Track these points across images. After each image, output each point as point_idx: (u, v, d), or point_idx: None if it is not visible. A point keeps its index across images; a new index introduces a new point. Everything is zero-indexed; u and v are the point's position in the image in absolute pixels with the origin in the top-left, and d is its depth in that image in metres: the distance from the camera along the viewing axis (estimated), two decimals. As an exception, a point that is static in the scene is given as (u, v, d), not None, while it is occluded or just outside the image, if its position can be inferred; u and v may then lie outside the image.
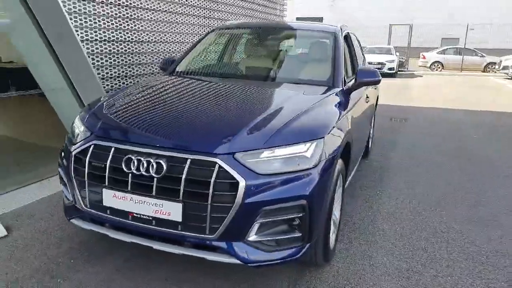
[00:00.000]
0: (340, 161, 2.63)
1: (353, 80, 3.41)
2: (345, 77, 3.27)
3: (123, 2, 4.57)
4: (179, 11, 5.81)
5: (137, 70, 4.96)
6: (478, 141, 6.42)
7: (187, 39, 6.09)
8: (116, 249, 2.77)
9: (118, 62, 4.62)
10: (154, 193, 2.12)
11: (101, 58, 4.34)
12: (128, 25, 4.73)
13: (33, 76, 4.29)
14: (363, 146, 4.17)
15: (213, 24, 6.70)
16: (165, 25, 5.48)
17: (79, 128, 2.54)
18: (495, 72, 20.19)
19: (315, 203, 2.20)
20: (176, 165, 2.10)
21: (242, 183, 2.02)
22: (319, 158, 2.24)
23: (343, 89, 3.13)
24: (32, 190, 3.74)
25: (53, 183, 3.82)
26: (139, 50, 4.97)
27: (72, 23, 3.71)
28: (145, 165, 2.12)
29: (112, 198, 2.22)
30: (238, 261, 2.10)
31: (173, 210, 2.09)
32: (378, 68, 18.49)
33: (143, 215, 2.16)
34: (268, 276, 2.55)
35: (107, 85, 4.51)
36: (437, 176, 4.62)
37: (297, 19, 31.83)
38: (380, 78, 3.31)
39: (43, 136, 5.70)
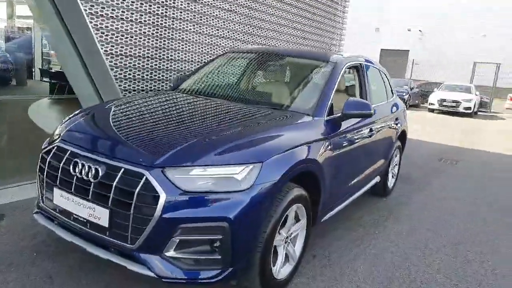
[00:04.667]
0: (298, 190, 2.55)
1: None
2: (333, 108, 3.15)
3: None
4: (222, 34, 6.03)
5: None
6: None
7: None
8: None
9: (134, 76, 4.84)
10: (90, 196, 2.22)
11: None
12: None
13: (70, 82, 4.77)
14: (361, 179, 3.86)
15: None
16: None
17: (54, 132, 2.76)
18: None
19: (240, 227, 2.14)
20: (111, 172, 2.19)
21: (162, 197, 2.05)
22: (252, 182, 2.19)
23: (324, 119, 3.03)
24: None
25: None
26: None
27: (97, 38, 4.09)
28: (86, 169, 2.25)
29: (60, 197, 2.37)
30: (153, 275, 2.11)
31: (102, 216, 2.18)
32: (452, 107, 17.24)
33: (80, 217, 2.27)
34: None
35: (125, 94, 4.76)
36: (445, 222, 4.19)
37: (382, 51, 31.10)
38: (371, 112, 3.14)
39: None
